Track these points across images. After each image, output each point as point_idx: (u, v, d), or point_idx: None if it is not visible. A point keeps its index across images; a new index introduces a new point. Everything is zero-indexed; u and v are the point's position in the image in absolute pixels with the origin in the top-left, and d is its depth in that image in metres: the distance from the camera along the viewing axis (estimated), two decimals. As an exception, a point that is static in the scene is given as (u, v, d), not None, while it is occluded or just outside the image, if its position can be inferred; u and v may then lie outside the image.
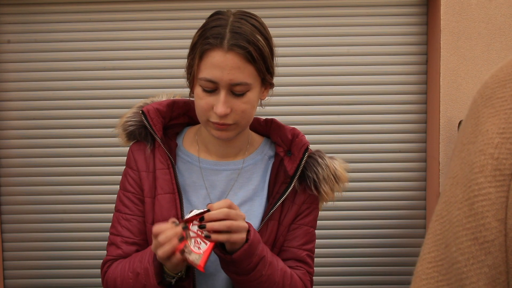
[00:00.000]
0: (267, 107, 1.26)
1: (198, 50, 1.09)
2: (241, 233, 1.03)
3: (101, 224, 2.74)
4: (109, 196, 2.69)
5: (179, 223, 1.04)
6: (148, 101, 1.28)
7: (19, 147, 2.77)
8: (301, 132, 1.25)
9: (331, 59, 2.74)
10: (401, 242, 2.80)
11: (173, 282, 1.12)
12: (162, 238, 1.01)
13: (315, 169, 1.20)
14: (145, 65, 2.74)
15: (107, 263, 1.21)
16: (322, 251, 2.63)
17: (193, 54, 1.12)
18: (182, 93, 1.33)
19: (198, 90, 1.11)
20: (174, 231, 1.02)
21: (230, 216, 1.02)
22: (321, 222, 1.58)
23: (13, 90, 2.76)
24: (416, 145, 2.78)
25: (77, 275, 2.80)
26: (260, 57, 1.09)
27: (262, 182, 1.23)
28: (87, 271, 2.79)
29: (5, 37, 2.74)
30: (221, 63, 1.06)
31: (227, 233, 1.02)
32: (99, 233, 2.74)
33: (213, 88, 1.09)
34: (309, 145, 1.22)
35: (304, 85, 2.74)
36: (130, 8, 2.73)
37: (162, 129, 1.21)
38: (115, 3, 2.73)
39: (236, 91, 1.09)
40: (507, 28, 2.55)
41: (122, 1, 2.73)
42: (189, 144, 1.26)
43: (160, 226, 1.03)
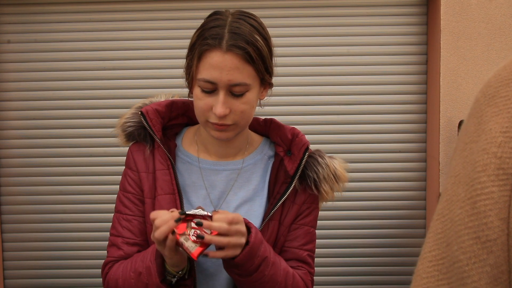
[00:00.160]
0: (267, 107, 1.26)
1: (196, 50, 1.09)
2: (236, 249, 1.03)
3: (101, 224, 2.74)
4: (109, 196, 2.69)
5: (180, 219, 1.03)
6: (146, 101, 1.27)
7: (19, 147, 2.77)
8: (301, 131, 1.25)
9: (331, 59, 2.74)
10: (401, 242, 2.80)
11: (174, 281, 1.11)
12: (158, 221, 1.02)
13: (315, 169, 1.20)
14: (145, 65, 2.74)
15: (108, 264, 1.20)
16: (322, 251, 2.62)
17: (191, 54, 1.11)
18: (180, 93, 1.33)
19: (197, 90, 1.11)
20: (171, 215, 1.02)
21: (230, 232, 1.01)
22: (321, 222, 1.58)
23: (13, 90, 2.76)
24: (416, 145, 2.78)
25: (77, 275, 2.80)
26: (259, 57, 1.09)
27: (262, 182, 1.23)
28: (87, 271, 2.79)
29: (5, 37, 2.74)
30: (219, 64, 1.06)
31: (222, 249, 1.03)
32: (99, 233, 2.74)
33: (212, 88, 1.08)
34: (309, 144, 1.22)
35: (304, 85, 2.74)
36: (130, 8, 2.73)
37: (161, 130, 1.21)
38: (115, 3, 2.73)
39: (235, 91, 1.08)
40: (507, 28, 2.55)
41: (122, 1, 2.72)
42: (188, 144, 1.26)
43: (157, 211, 1.05)
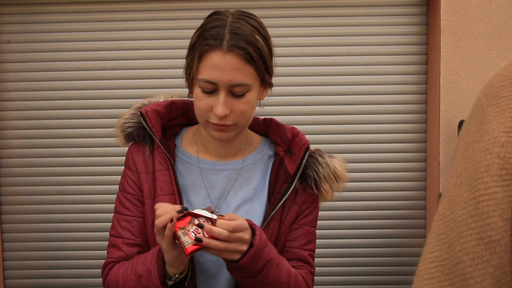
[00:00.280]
0: (267, 107, 1.25)
1: (197, 51, 1.08)
2: (234, 255, 1.03)
3: (101, 224, 2.74)
4: (109, 196, 2.68)
5: (182, 211, 1.03)
6: (145, 101, 1.27)
7: (19, 147, 2.77)
8: (301, 131, 1.25)
9: (331, 59, 2.74)
10: (401, 242, 2.80)
11: (169, 284, 1.10)
12: (160, 210, 1.03)
13: (316, 168, 1.19)
14: (145, 65, 2.74)
15: (108, 265, 1.20)
16: (322, 251, 2.62)
17: (192, 55, 1.11)
18: (180, 93, 1.33)
19: (197, 91, 1.11)
20: (173, 206, 1.04)
21: (229, 239, 1.01)
22: (321, 222, 1.58)
23: (13, 90, 2.76)
24: (416, 145, 2.78)
25: (77, 275, 2.80)
26: (259, 58, 1.08)
27: (262, 181, 1.23)
28: (87, 271, 2.79)
29: (5, 37, 2.74)
30: (220, 64, 1.05)
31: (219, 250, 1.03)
32: (99, 233, 2.74)
33: (212, 89, 1.08)
34: (310, 144, 1.22)
35: (304, 85, 2.74)
36: (130, 8, 2.73)
37: (160, 130, 1.21)
38: (115, 3, 2.73)
39: (235, 92, 1.08)
40: (507, 28, 2.55)
41: (122, 1, 2.72)
42: (188, 144, 1.25)
43: (162, 203, 1.07)
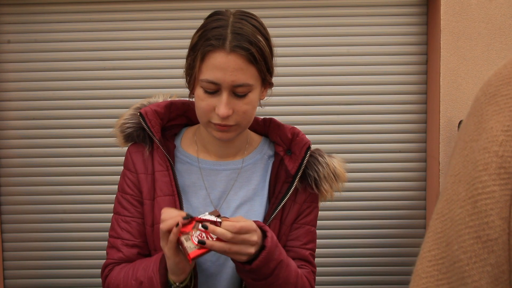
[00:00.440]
0: (267, 107, 1.26)
1: (199, 51, 1.08)
2: (240, 257, 1.03)
3: (101, 224, 2.74)
4: (109, 196, 2.68)
5: (188, 217, 1.03)
6: (145, 102, 1.26)
7: (19, 147, 2.77)
8: (301, 131, 1.25)
9: (331, 59, 2.74)
10: (401, 242, 2.80)
11: None
12: (165, 215, 1.03)
13: (316, 168, 1.20)
14: (145, 65, 2.74)
15: (108, 266, 1.20)
16: (322, 251, 2.62)
17: (193, 55, 1.10)
18: (179, 93, 1.32)
19: (199, 91, 1.10)
20: (179, 212, 1.04)
21: (233, 240, 1.00)
22: (321, 222, 1.58)
23: (13, 90, 2.76)
24: (416, 145, 2.78)
25: (77, 275, 2.80)
26: (261, 58, 1.08)
27: (262, 181, 1.23)
28: (87, 271, 2.79)
29: (5, 37, 2.74)
30: (223, 65, 1.05)
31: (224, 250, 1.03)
32: (99, 233, 2.74)
33: (215, 89, 1.08)
34: (311, 143, 1.22)
35: (304, 85, 2.74)
36: (130, 8, 2.73)
37: (160, 131, 1.20)
38: (115, 3, 2.73)
39: (238, 92, 1.08)
40: (507, 28, 2.55)
41: (122, 1, 2.72)
42: (188, 144, 1.25)
43: (168, 208, 1.07)
